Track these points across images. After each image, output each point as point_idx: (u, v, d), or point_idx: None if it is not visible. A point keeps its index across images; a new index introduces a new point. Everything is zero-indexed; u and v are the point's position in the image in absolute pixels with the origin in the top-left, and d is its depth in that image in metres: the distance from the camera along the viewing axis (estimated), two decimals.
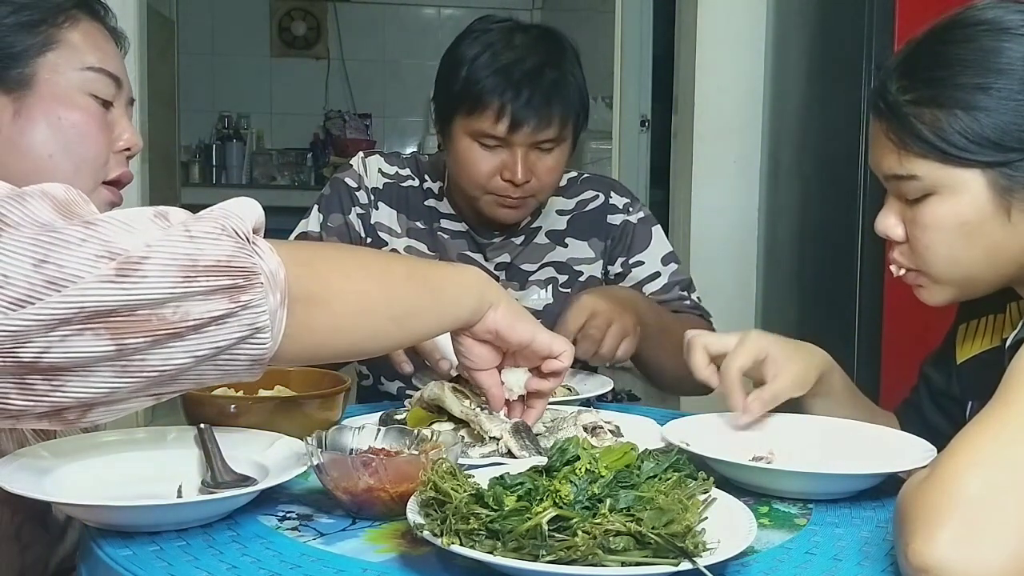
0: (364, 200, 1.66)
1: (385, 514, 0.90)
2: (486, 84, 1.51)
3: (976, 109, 1.00)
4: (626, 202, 1.73)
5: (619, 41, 4.04)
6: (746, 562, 0.82)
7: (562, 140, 1.57)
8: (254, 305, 0.73)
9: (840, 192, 2.80)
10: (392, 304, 0.89)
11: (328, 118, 6.10)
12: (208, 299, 0.71)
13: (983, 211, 1.01)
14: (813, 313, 3.14)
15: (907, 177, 1.04)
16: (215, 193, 5.76)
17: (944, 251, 1.04)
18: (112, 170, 1.17)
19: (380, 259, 0.98)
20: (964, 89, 1.00)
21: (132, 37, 3.46)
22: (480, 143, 1.54)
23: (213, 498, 0.90)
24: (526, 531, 0.75)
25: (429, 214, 1.68)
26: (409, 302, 0.91)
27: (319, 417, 1.09)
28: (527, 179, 1.54)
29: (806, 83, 3.22)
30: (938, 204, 1.03)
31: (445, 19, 6.02)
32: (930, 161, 1.02)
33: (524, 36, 1.57)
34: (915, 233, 1.06)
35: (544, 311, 1.63)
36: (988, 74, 1.00)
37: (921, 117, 1.02)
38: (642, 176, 4.39)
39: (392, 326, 0.89)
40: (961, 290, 1.08)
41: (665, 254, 1.72)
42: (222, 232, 0.73)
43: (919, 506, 0.75)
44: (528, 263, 1.68)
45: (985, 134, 0.99)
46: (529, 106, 1.51)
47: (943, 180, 1.02)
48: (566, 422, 1.13)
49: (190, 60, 5.24)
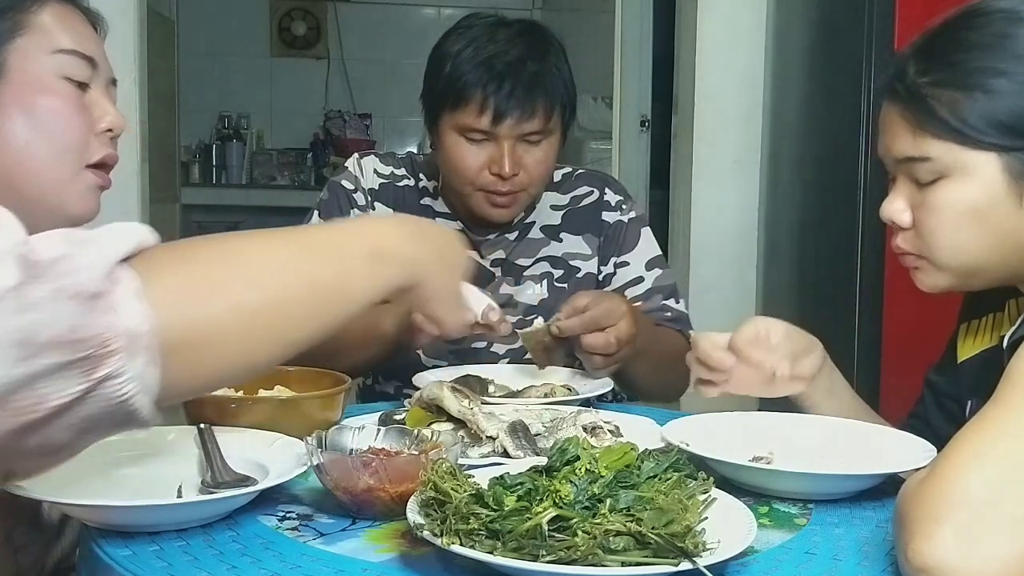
0: (361, 201, 1.67)
1: (385, 514, 0.90)
2: (468, 78, 1.53)
3: (994, 92, 1.00)
4: (619, 199, 1.73)
5: (619, 41, 4.03)
6: (746, 562, 0.82)
7: (549, 132, 1.57)
8: (113, 377, 0.64)
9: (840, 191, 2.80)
10: (292, 310, 0.78)
11: (328, 118, 6.09)
12: (59, 379, 0.63)
13: (995, 196, 1.01)
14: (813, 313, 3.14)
15: (920, 159, 1.04)
16: (215, 193, 5.77)
17: (950, 235, 1.04)
18: (95, 152, 1.15)
19: (272, 253, 0.80)
20: (983, 73, 1.01)
21: (132, 37, 3.49)
22: (466, 138, 1.55)
23: (213, 498, 0.90)
24: (526, 531, 0.75)
25: (424, 213, 1.68)
26: (311, 301, 0.79)
27: (319, 417, 1.09)
28: (515, 172, 1.55)
29: (806, 83, 3.22)
30: (949, 187, 1.03)
31: (445, 19, 6.00)
32: (946, 142, 1.02)
33: (507, 31, 1.58)
34: (922, 216, 1.06)
35: (540, 305, 1.64)
36: (1007, 59, 1.00)
37: (939, 98, 1.02)
38: (642, 176, 4.38)
39: (298, 332, 0.79)
40: (960, 279, 1.08)
41: (651, 258, 1.71)
42: (59, 295, 0.63)
43: (919, 506, 0.75)
44: (523, 258, 1.69)
45: (1002, 118, 0.99)
46: (512, 97, 1.52)
47: (957, 162, 1.02)
48: (565, 422, 1.13)
49: (190, 60, 5.23)
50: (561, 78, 1.58)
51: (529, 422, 1.13)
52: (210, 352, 0.72)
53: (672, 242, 3.83)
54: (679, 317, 1.70)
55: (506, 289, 1.66)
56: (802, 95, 3.25)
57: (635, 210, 1.74)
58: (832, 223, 2.93)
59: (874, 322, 2.63)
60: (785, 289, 3.39)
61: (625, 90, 4.15)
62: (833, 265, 2.91)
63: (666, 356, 1.60)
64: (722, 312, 3.61)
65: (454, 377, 1.32)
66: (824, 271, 3.01)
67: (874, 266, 2.63)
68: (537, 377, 1.44)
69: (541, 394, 1.34)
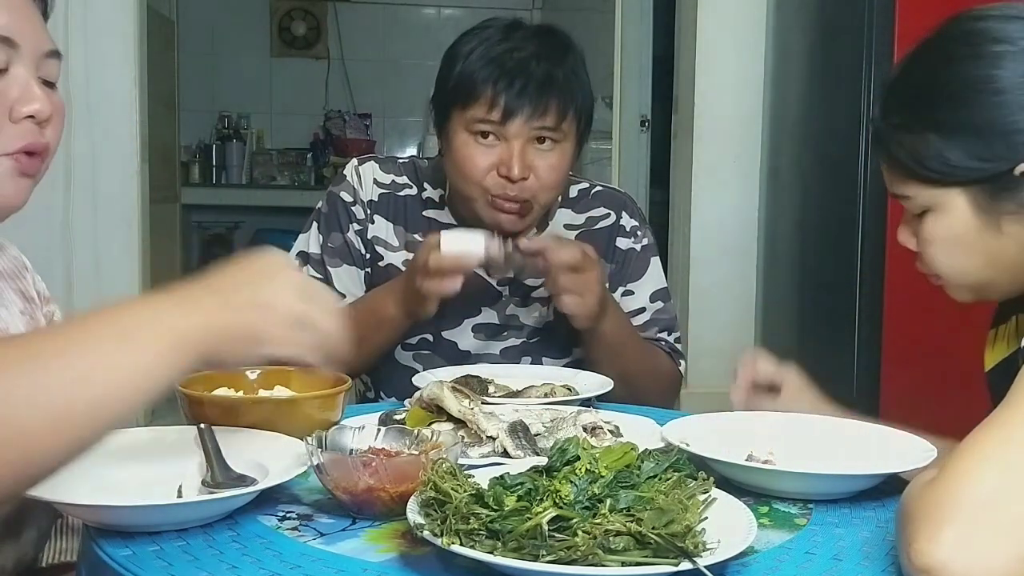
0: (360, 215, 1.61)
1: (385, 514, 0.90)
2: (479, 74, 1.48)
3: (949, 131, 1.02)
4: (635, 225, 1.68)
5: (619, 41, 4.04)
6: (746, 562, 0.82)
7: (562, 136, 1.51)
8: None
9: (840, 192, 2.80)
10: (60, 420, 0.70)
11: (328, 118, 6.09)
12: None
13: (972, 225, 1.04)
14: (813, 313, 3.14)
15: (903, 197, 1.08)
16: (215, 193, 5.77)
17: (947, 261, 1.07)
18: (13, 141, 1.00)
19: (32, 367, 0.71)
20: (938, 112, 1.03)
21: (132, 37, 3.49)
22: (476, 138, 1.49)
23: (213, 498, 0.90)
24: (526, 531, 0.75)
25: (428, 225, 1.61)
26: (84, 406, 0.71)
27: (319, 417, 1.09)
28: (524, 175, 1.48)
29: (806, 83, 3.22)
30: (934, 221, 1.06)
31: (445, 19, 6.01)
32: (915, 184, 1.05)
33: (523, 31, 1.54)
34: (921, 247, 1.09)
35: (543, 328, 1.61)
36: (963, 96, 1.02)
37: (901, 141, 1.06)
38: (642, 176, 4.39)
39: (71, 435, 0.72)
40: (978, 293, 1.11)
41: (655, 291, 1.68)
42: None
43: (924, 506, 0.76)
44: (532, 278, 1.62)
45: (959, 155, 1.02)
46: (524, 94, 1.47)
47: (931, 200, 1.05)
48: (565, 422, 1.13)
49: (190, 60, 5.23)
50: (578, 83, 1.53)
51: (529, 422, 1.13)
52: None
53: (672, 242, 3.83)
54: (672, 351, 1.68)
55: (512, 310, 1.62)
56: (802, 95, 3.25)
57: (648, 238, 1.69)
58: (832, 222, 2.94)
59: (874, 321, 2.63)
60: (785, 289, 3.39)
61: (625, 90, 4.15)
62: (833, 264, 2.91)
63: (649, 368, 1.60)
64: (722, 312, 3.61)
65: (454, 377, 1.32)
66: (824, 270, 3.02)
67: (874, 265, 2.63)
68: (537, 377, 1.44)
69: (541, 394, 1.34)
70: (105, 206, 3.47)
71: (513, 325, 1.63)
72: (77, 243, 3.44)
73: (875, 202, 2.64)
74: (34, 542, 1.09)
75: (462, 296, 1.47)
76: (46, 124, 1.02)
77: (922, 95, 1.06)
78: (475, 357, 1.61)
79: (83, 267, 3.44)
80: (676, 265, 3.75)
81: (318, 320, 0.86)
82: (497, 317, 1.63)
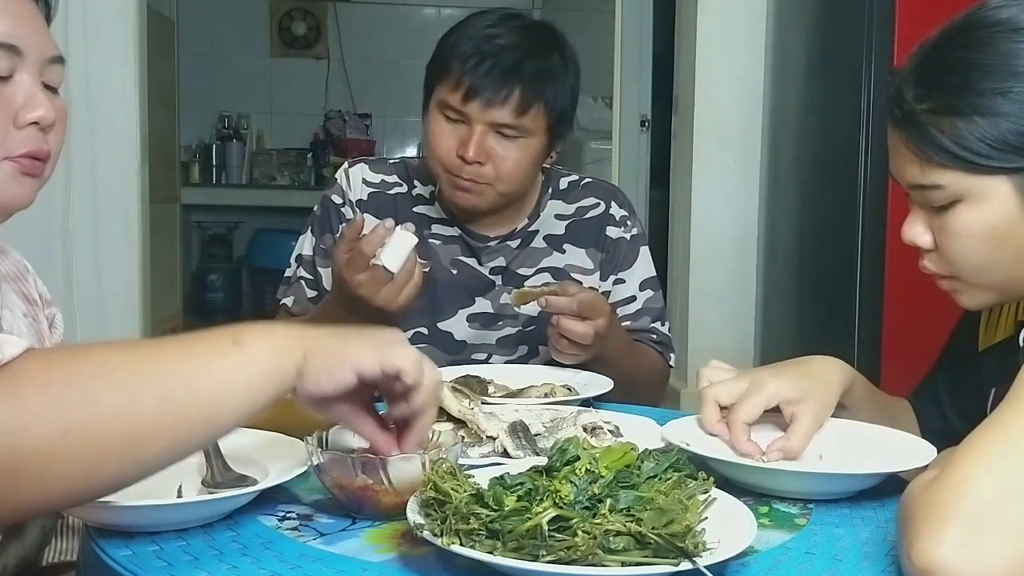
0: (349, 215, 1.63)
1: (385, 514, 0.90)
2: (456, 51, 1.51)
3: (996, 115, 0.97)
4: (624, 215, 1.69)
5: (619, 41, 4.04)
6: (746, 562, 0.82)
7: (526, 131, 1.52)
8: None
9: (840, 192, 2.80)
10: (138, 446, 0.75)
11: (328, 118, 6.10)
12: None
13: (1012, 216, 0.99)
14: (813, 312, 3.14)
15: (931, 187, 1.01)
16: (215, 193, 5.77)
17: (975, 257, 1.02)
18: (16, 146, 1.00)
19: (123, 385, 0.75)
20: (983, 95, 0.98)
21: (132, 37, 3.49)
22: (444, 116, 1.53)
23: (213, 498, 0.90)
24: (526, 531, 0.75)
25: (418, 221, 1.61)
26: (164, 435, 0.76)
27: (319, 417, 1.09)
28: (479, 160, 1.50)
29: (806, 83, 3.22)
30: (966, 212, 1.00)
31: (445, 19, 6.01)
32: (953, 171, 0.99)
33: (517, 22, 1.56)
34: (944, 241, 1.03)
35: (539, 317, 1.61)
36: (1007, 78, 0.97)
37: (940, 126, 0.99)
38: (642, 176, 4.39)
39: (141, 467, 0.76)
40: (1001, 293, 1.06)
41: (645, 279, 1.69)
42: None
43: (925, 506, 0.75)
44: (524, 267, 1.66)
45: (1007, 139, 0.97)
46: (488, 76, 1.48)
47: (969, 188, 0.99)
48: (566, 422, 1.13)
49: (190, 60, 5.24)
50: (552, 80, 1.52)
51: (529, 422, 1.13)
52: (37, 480, 0.71)
53: (672, 242, 3.83)
54: (664, 340, 1.69)
55: (506, 299, 1.63)
56: (802, 94, 3.25)
57: (637, 227, 1.71)
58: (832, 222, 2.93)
59: (874, 321, 2.63)
60: (785, 289, 3.39)
61: (625, 90, 4.16)
62: (833, 264, 2.91)
63: (641, 370, 1.61)
64: (722, 312, 3.61)
65: (454, 377, 1.32)
66: (824, 270, 3.01)
67: (874, 265, 2.63)
68: (537, 377, 1.44)
69: (541, 394, 1.34)
70: (105, 206, 3.47)
71: (507, 314, 1.64)
72: (77, 243, 3.43)
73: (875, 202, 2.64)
74: (37, 541, 1.10)
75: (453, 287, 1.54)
76: (49, 129, 1.02)
77: (964, 78, 0.99)
78: (471, 347, 1.63)
79: (83, 267, 3.44)
80: (676, 265, 3.76)
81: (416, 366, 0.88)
82: (491, 306, 1.65)
